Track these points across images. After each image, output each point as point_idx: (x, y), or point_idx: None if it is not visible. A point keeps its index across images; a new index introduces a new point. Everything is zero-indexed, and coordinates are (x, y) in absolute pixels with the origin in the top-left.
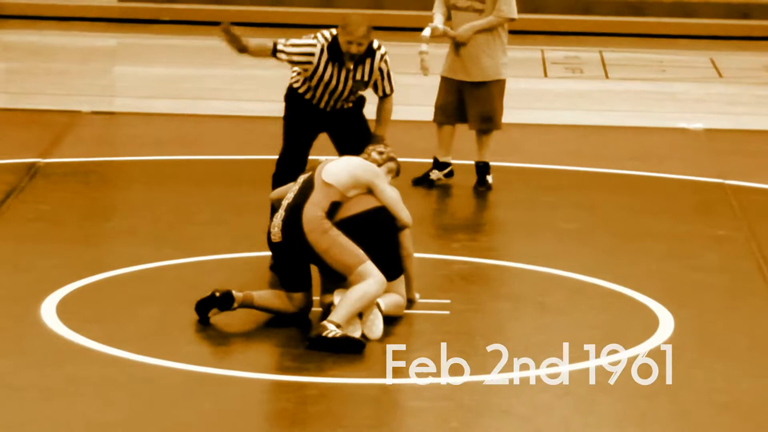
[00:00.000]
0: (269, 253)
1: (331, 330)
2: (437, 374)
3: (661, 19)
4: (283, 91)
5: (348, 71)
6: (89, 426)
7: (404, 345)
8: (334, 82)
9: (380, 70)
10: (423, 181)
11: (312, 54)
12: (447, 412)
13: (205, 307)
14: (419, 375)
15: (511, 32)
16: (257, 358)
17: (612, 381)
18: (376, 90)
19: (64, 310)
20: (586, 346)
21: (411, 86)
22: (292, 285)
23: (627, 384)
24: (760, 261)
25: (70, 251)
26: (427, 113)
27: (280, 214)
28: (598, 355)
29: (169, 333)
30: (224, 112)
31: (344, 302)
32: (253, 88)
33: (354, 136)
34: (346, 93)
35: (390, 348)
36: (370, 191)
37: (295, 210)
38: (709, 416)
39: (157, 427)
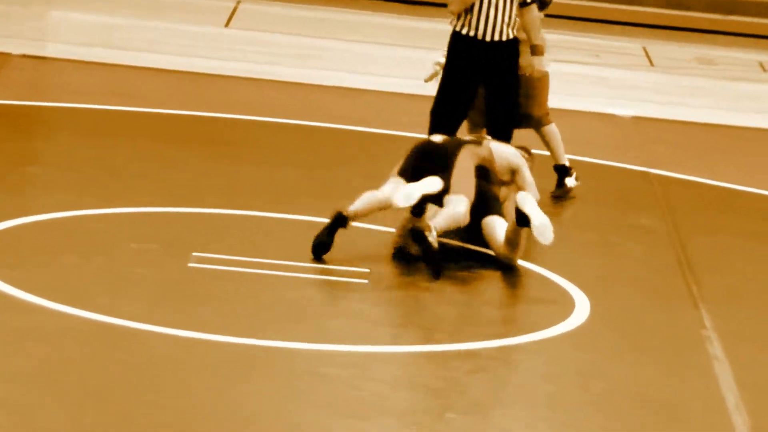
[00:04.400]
0: (195, 210)
1: (434, 237)
2: (352, 342)
3: (598, 3)
4: (221, 51)
5: None
6: None
7: (321, 311)
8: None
9: None
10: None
11: None
12: (358, 381)
13: (332, 231)
14: (333, 341)
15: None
16: (174, 312)
17: (524, 362)
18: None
19: None
20: (502, 325)
21: None
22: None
23: (539, 366)
24: (680, 254)
25: None
26: None
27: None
28: (512, 335)
29: (85, 283)
30: (161, 66)
31: (445, 219)
32: (191, 43)
33: (506, 93)
34: (501, 6)
35: (304, 312)
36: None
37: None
38: (619, 405)
39: (69, 377)
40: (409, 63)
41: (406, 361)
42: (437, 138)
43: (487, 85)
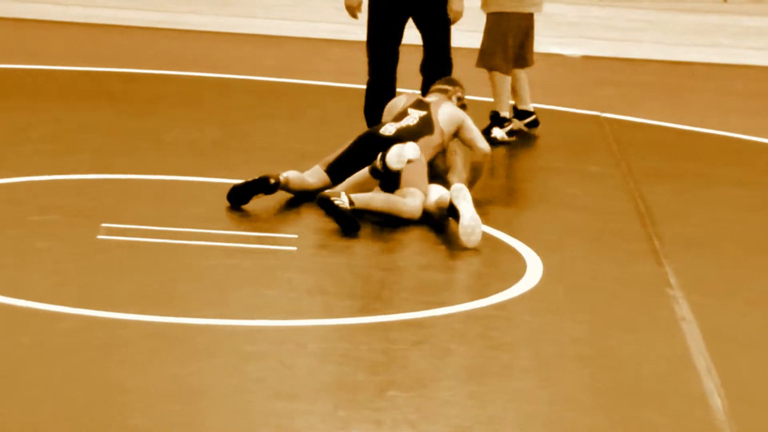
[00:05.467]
0: (102, 176)
1: (344, 201)
2: (281, 315)
3: None
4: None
5: None
6: None
7: (245, 283)
8: None
9: None
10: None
11: None
12: (290, 358)
13: (249, 190)
14: (260, 316)
15: None
16: (83, 290)
17: (472, 330)
18: None
19: None
20: (445, 292)
21: None
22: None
23: (488, 335)
24: (637, 200)
25: None
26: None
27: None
28: (457, 302)
29: None
30: (70, 19)
31: (374, 197)
32: None
33: (439, 21)
34: None
35: (227, 285)
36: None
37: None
38: (572, 369)
39: None
40: (327, 7)
41: (342, 335)
42: (388, 130)
43: (417, 21)
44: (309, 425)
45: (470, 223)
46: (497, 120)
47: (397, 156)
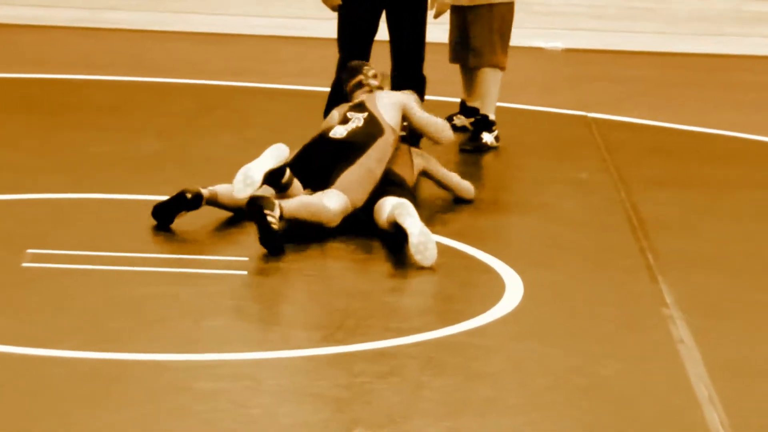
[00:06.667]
0: (28, 196)
1: (275, 216)
2: (233, 348)
3: None
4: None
5: None
6: None
7: (191, 312)
8: None
9: None
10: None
11: None
12: (244, 396)
13: (171, 208)
14: (209, 349)
15: None
16: (6, 324)
17: (448, 360)
18: None
19: None
20: (416, 318)
21: None
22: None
23: (466, 364)
24: (629, 211)
25: None
26: None
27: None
28: (430, 329)
29: None
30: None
31: (300, 206)
32: None
33: (413, 18)
34: None
35: (171, 315)
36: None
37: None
38: (565, 405)
39: None
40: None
41: (302, 368)
42: (339, 132)
43: (389, 15)
44: None
45: (420, 239)
46: (485, 124)
47: (243, 180)
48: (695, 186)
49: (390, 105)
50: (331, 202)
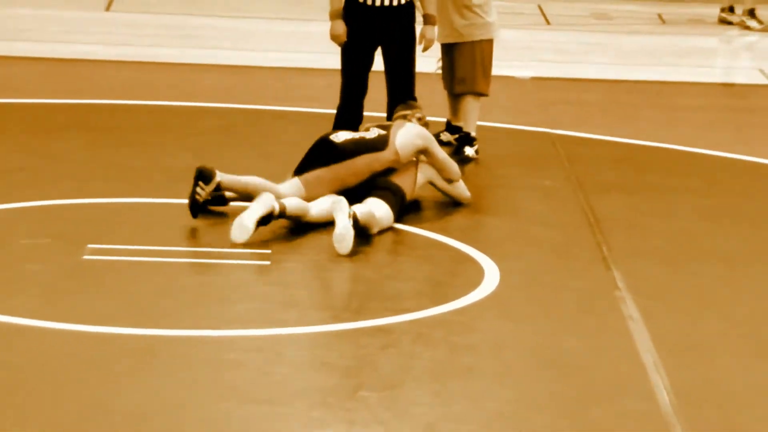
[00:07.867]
0: (83, 201)
1: (204, 189)
2: (257, 325)
3: None
4: (101, 35)
5: None
6: None
7: (223, 296)
8: None
9: None
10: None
11: None
12: (266, 365)
13: (194, 193)
14: (237, 326)
15: None
16: (70, 307)
17: (436, 335)
18: None
19: None
20: (410, 299)
21: None
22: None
23: (451, 339)
24: (588, 213)
25: None
26: None
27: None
28: (421, 308)
29: None
30: (36, 54)
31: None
32: (68, 29)
33: (404, 53)
34: None
35: (206, 298)
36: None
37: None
38: (534, 373)
39: None
40: (295, 37)
41: (315, 342)
42: (339, 137)
43: (384, 50)
44: (286, 427)
45: (341, 232)
46: (467, 140)
47: (239, 228)
48: (642, 191)
49: (410, 134)
50: (285, 189)
